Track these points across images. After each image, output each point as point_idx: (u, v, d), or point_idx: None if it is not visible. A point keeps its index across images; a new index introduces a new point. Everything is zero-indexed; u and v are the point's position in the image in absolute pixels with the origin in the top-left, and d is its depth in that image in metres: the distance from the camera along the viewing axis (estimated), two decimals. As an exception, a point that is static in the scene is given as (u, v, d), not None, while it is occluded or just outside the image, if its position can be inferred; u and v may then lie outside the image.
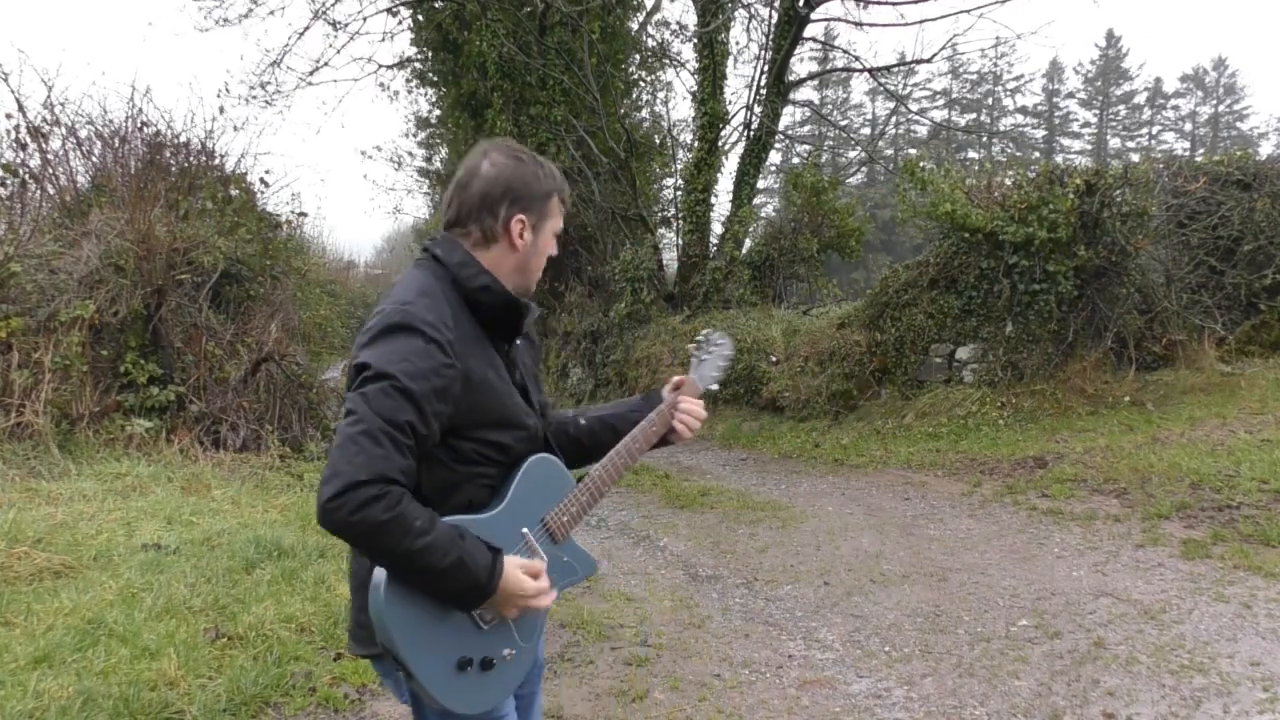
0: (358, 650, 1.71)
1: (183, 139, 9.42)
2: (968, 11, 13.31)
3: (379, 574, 1.52)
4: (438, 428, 1.58)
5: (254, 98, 15.41)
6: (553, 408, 1.96)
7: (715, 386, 2.09)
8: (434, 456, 1.62)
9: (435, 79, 18.34)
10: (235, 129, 16.98)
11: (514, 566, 1.60)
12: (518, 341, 1.82)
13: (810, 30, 14.78)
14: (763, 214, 23.57)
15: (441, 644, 1.56)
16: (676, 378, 2.04)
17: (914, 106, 34.77)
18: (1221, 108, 55.18)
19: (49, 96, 9.40)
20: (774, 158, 32.01)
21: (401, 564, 1.49)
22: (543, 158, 1.82)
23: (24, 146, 8.44)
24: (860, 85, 51.25)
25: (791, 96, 15.95)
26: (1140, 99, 56.40)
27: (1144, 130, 56.44)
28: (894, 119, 44.56)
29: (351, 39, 21.64)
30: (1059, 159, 41.16)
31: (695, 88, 14.70)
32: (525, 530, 1.71)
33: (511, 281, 1.76)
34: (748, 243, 14.71)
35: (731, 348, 2.14)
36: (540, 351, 2.12)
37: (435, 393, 1.55)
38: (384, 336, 1.57)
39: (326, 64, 15.50)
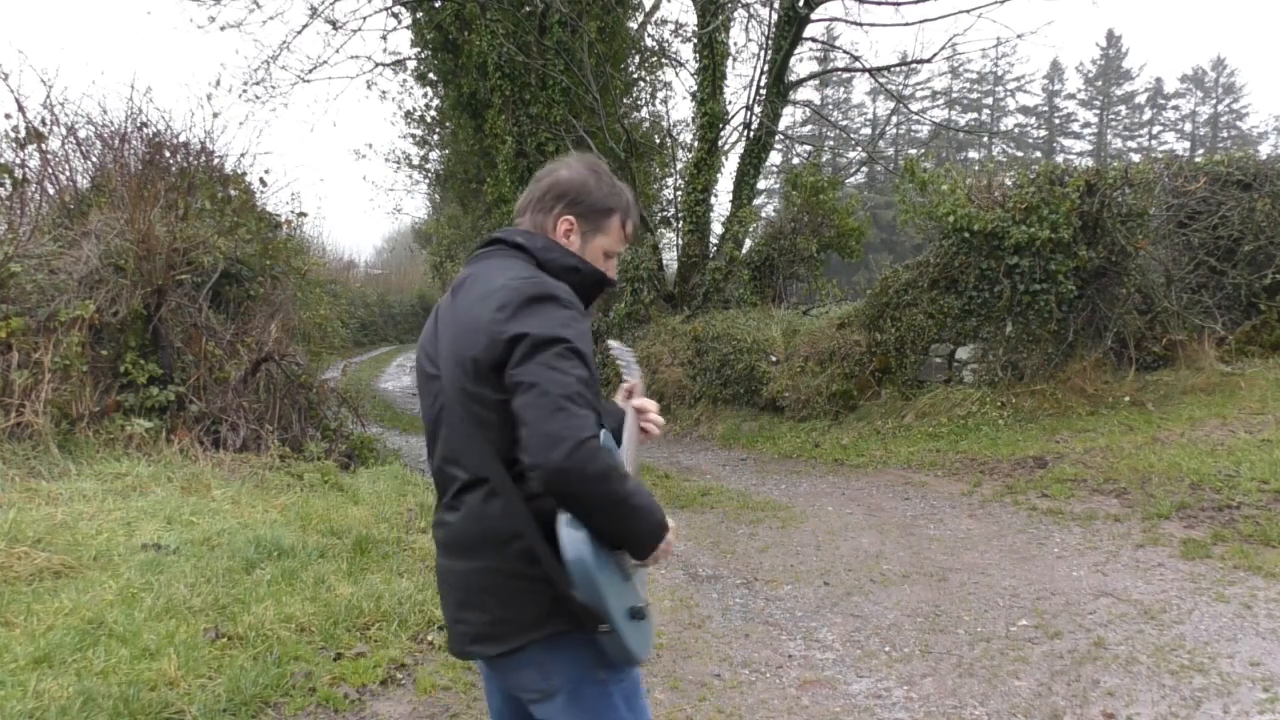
0: (493, 650, 1.69)
1: (182, 139, 9.40)
2: (967, 11, 13.29)
3: (577, 542, 1.55)
4: None
5: (249, 97, 15.41)
6: None
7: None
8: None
9: (435, 78, 18.34)
10: (214, 114, 16.68)
11: None
12: None
13: (810, 30, 14.75)
14: (763, 214, 23.57)
15: (620, 597, 1.65)
16: (625, 385, 2.00)
17: (915, 106, 34.79)
18: (1221, 107, 55.19)
19: (48, 96, 9.39)
20: (774, 158, 31.99)
21: (622, 509, 1.57)
22: (621, 183, 1.89)
23: (23, 146, 8.42)
24: (861, 85, 51.37)
25: (791, 96, 15.93)
26: (1141, 99, 56.44)
27: (1144, 130, 56.47)
28: (894, 119, 44.56)
29: (349, 38, 21.65)
30: (1059, 159, 41.09)
31: (695, 88, 14.68)
32: None
33: None
34: (748, 243, 14.71)
35: (632, 354, 2.11)
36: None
37: (591, 354, 1.65)
38: (531, 307, 1.62)
39: (325, 63, 15.45)
